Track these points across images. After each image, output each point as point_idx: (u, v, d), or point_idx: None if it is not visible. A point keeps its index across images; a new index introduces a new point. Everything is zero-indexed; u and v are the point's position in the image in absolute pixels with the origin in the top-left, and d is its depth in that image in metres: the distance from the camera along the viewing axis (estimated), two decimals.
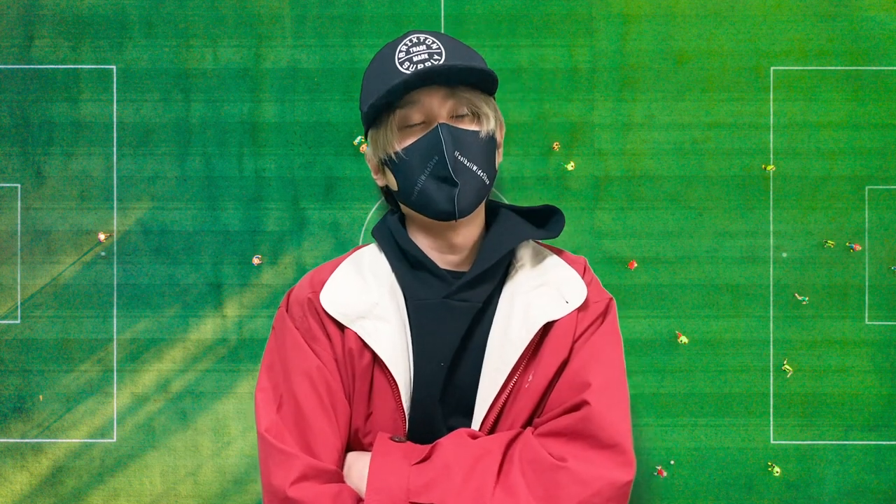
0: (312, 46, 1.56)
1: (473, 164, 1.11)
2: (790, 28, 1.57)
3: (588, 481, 1.04)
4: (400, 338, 1.12)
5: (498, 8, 1.56)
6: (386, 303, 1.14)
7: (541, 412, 1.15)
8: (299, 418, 1.14)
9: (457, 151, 1.09)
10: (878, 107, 1.57)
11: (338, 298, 1.15)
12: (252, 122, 1.56)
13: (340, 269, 1.19)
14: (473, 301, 1.14)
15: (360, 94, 1.15)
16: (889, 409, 1.54)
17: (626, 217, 1.56)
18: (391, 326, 1.12)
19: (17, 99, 1.55)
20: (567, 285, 1.18)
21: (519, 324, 1.12)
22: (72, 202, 1.55)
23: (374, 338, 1.12)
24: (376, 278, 1.17)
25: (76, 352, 1.54)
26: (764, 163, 1.56)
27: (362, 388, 1.14)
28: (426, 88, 1.10)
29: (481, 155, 1.12)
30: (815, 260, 1.56)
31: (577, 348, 1.16)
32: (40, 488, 1.53)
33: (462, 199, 1.10)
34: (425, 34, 1.13)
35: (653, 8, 1.57)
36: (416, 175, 1.11)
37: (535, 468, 1.07)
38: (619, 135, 1.56)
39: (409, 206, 1.16)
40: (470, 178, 1.11)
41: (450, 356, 1.12)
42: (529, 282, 1.17)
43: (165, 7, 1.55)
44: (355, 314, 1.13)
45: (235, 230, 1.55)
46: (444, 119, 1.11)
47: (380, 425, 1.13)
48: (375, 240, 1.22)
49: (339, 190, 1.56)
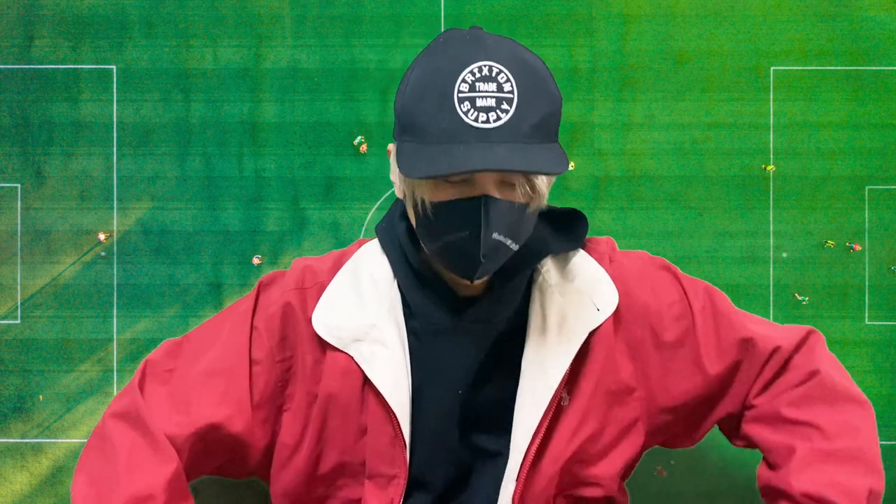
0: (312, 46, 1.56)
1: (509, 237, 0.95)
2: (790, 28, 1.57)
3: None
4: (399, 363, 1.03)
5: (498, 8, 1.56)
6: (384, 324, 1.03)
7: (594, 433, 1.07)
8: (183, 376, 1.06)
9: (495, 232, 0.93)
10: (878, 107, 1.57)
11: (332, 320, 1.05)
12: (252, 122, 1.56)
13: (338, 282, 1.09)
14: (494, 322, 1.03)
15: (397, 87, 0.99)
16: (889, 409, 1.54)
17: (626, 217, 1.56)
18: (389, 351, 1.02)
19: (17, 99, 1.55)
20: (597, 288, 1.07)
21: (555, 339, 1.02)
22: (72, 202, 1.55)
23: (369, 365, 1.02)
24: (376, 291, 1.06)
25: (76, 352, 1.54)
26: (764, 163, 1.56)
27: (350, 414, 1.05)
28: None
29: (520, 228, 0.96)
30: (815, 260, 1.56)
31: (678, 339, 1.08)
32: (40, 488, 1.53)
33: (484, 271, 0.96)
34: (497, 65, 0.90)
35: (653, 8, 1.57)
36: (441, 234, 0.95)
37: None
38: (619, 135, 1.56)
39: (423, 243, 1.01)
40: (500, 251, 0.95)
41: (468, 383, 1.03)
42: (560, 289, 1.06)
43: (165, 7, 1.56)
44: (350, 337, 1.03)
45: (235, 230, 1.55)
46: (490, 189, 0.92)
47: (376, 454, 1.05)
48: (380, 244, 1.10)
49: (339, 190, 1.56)
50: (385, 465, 1.06)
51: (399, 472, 1.05)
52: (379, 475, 1.05)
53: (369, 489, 1.05)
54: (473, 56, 0.91)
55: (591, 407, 1.07)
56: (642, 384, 1.11)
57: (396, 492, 1.05)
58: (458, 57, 0.92)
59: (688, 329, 1.11)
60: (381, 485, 1.06)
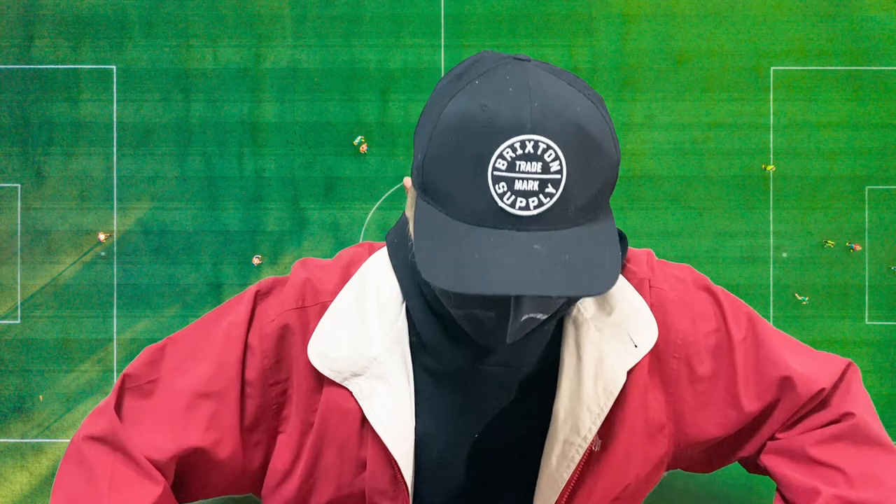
0: (312, 46, 1.56)
1: (540, 312, 0.81)
2: (790, 28, 1.57)
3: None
4: (403, 405, 0.91)
5: (498, 8, 1.56)
6: (387, 359, 0.91)
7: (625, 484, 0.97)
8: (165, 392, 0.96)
9: (526, 315, 0.79)
10: (878, 107, 1.57)
11: (330, 352, 0.93)
12: (252, 122, 1.56)
13: (339, 304, 0.95)
14: (519, 366, 0.90)
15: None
16: (889, 409, 1.54)
17: (626, 217, 1.56)
18: (392, 390, 0.90)
19: (17, 99, 1.55)
20: (634, 320, 0.95)
21: (592, 382, 0.89)
22: (72, 202, 1.55)
23: (368, 402, 0.90)
24: (381, 317, 0.92)
25: (76, 352, 1.54)
26: (764, 163, 1.56)
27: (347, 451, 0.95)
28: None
29: (552, 307, 0.83)
30: (815, 260, 1.56)
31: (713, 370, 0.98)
32: (40, 488, 1.53)
33: (509, 350, 0.86)
34: (545, 140, 0.72)
35: (653, 8, 1.57)
36: (461, 307, 0.82)
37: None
38: (619, 135, 1.56)
39: (442, 301, 0.87)
40: (528, 325, 0.83)
41: (485, 428, 0.91)
42: (595, 322, 0.93)
43: (165, 7, 1.56)
44: (349, 371, 0.92)
45: (235, 230, 1.55)
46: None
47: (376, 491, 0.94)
48: (390, 259, 0.95)
49: (339, 190, 1.56)
50: (386, 500, 0.95)
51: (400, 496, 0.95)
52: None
53: None
54: (516, 123, 0.73)
55: (627, 454, 0.96)
56: (672, 419, 1.00)
57: None
58: (496, 119, 0.74)
59: (726, 362, 1.01)
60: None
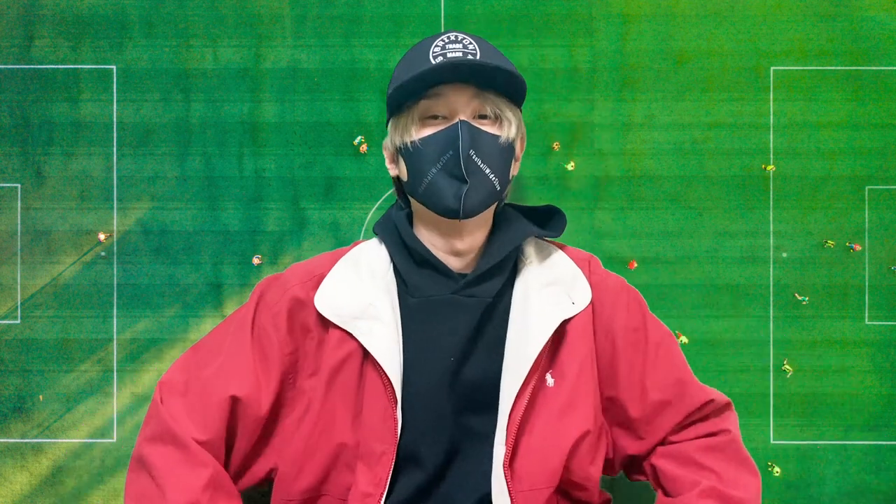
0: (312, 46, 1.56)
1: (487, 166, 1.11)
2: (790, 28, 1.57)
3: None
4: (393, 337, 1.12)
5: (498, 8, 1.56)
6: (380, 302, 1.13)
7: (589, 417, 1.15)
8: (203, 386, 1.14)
9: (472, 150, 1.09)
10: (878, 107, 1.57)
11: (334, 300, 1.14)
12: (252, 122, 1.56)
13: (338, 269, 1.19)
14: (483, 296, 1.14)
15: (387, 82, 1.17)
16: (889, 409, 1.54)
17: (626, 217, 1.56)
18: (385, 326, 1.12)
19: (17, 99, 1.55)
20: (573, 285, 1.18)
21: (536, 320, 1.12)
22: (72, 202, 1.55)
23: (368, 337, 1.11)
24: (372, 276, 1.16)
25: (76, 352, 1.54)
26: (764, 163, 1.56)
27: (348, 391, 1.13)
28: (453, 84, 1.10)
29: (496, 159, 1.12)
30: (815, 260, 1.56)
31: (630, 347, 1.18)
32: (40, 488, 1.53)
33: (469, 198, 1.10)
34: (464, 34, 1.13)
35: (653, 8, 1.57)
36: (429, 167, 1.11)
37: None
38: (619, 135, 1.56)
39: (416, 198, 1.16)
40: (481, 179, 1.11)
41: (459, 351, 1.12)
42: (539, 279, 1.17)
43: (165, 7, 1.55)
44: (350, 315, 1.13)
45: (235, 230, 1.55)
46: (466, 117, 1.10)
47: (368, 430, 1.11)
48: (377, 234, 1.22)
49: (339, 190, 1.56)
50: (376, 440, 1.11)
51: (388, 449, 1.11)
52: (369, 454, 1.09)
53: (360, 470, 1.09)
54: (446, 33, 1.14)
55: (577, 390, 1.14)
56: (601, 378, 1.22)
57: (384, 469, 1.11)
58: (430, 39, 1.14)
59: (640, 355, 1.21)
60: (370, 464, 1.11)
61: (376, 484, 1.10)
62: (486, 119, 1.13)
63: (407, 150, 1.13)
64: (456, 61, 1.07)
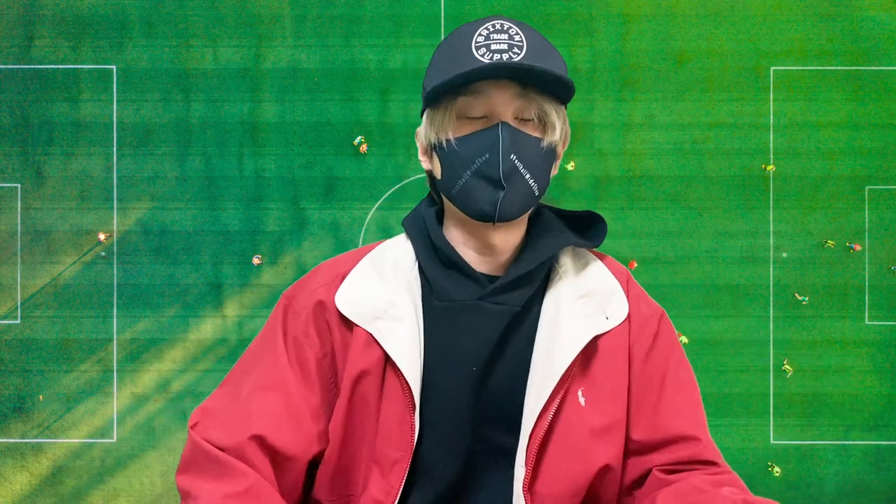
0: (312, 46, 1.56)
1: (527, 171, 1.03)
2: (790, 28, 1.57)
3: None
4: (414, 339, 1.06)
5: (498, 8, 1.56)
6: (402, 302, 1.08)
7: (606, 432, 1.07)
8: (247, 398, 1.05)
9: (513, 155, 1.02)
10: (878, 107, 1.57)
11: (354, 298, 1.09)
12: (252, 122, 1.56)
13: (360, 267, 1.12)
14: (511, 304, 1.07)
15: (426, 68, 1.07)
16: (889, 409, 1.54)
17: (626, 217, 1.56)
18: (406, 327, 1.06)
19: (17, 99, 1.55)
20: (609, 299, 1.11)
21: (566, 333, 1.06)
22: (72, 202, 1.55)
23: (387, 339, 1.05)
24: (395, 274, 1.11)
25: (76, 352, 1.54)
26: (764, 163, 1.56)
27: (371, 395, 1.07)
28: (497, 82, 1.03)
29: (537, 163, 1.04)
30: (815, 260, 1.56)
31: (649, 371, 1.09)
32: (40, 488, 1.53)
33: (506, 204, 1.03)
34: (510, 23, 1.04)
35: (653, 8, 1.57)
36: (464, 168, 1.04)
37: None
38: (619, 135, 1.56)
39: (449, 198, 1.08)
40: (520, 184, 1.03)
41: (483, 361, 1.05)
42: (573, 290, 1.10)
43: (165, 7, 1.56)
44: (371, 315, 1.07)
45: (235, 230, 1.55)
46: (508, 119, 1.03)
47: (384, 432, 1.06)
48: (405, 230, 1.15)
49: (339, 190, 1.56)
50: (391, 446, 1.06)
51: (402, 457, 1.06)
52: (384, 459, 1.06)
53: (373, 476, 1.06)
54: (487, 20, 1.04)
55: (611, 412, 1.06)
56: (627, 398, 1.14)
57: (398, 478, 1.05)
58: (473, 24, 1.05)
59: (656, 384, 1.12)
60: (383, 471, 1.06)
61: (388, 492, 1.07)
62: (529, 121, 1.04)
63: (442, 147, 1.06)
64: (498, 65, 1.00)
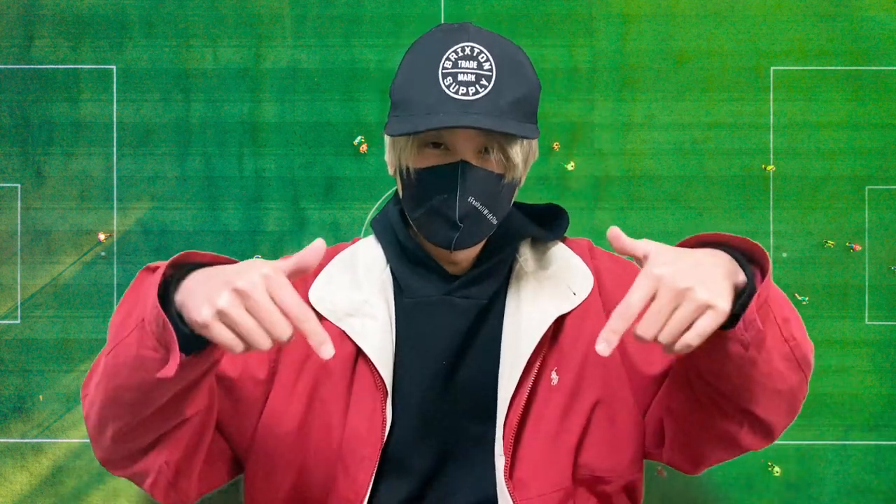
0: (312, 46, 1.56)
1: (486, 207, 1.04)
2: (790, 28, 1.57)
3: None
4: (387, 334, 1.08)
5: (498, 8, 1.56)
6: (375, 300, 1.10)
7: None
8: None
9: (471, 197, 1.02)
10: (878, 107, 1.57)
11: (326, 295, 1.11)
12: (252, 122, 1.56)
13: (333, 265, 1.15)
14: (477, 298, 1.10)
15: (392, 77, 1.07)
16: (889, 409, 1.54)
17: (626, 217, 1.56)
18: (378, 324, 1.08)
19: (17, 99, 1.55)
20: (573, 275, 1.14)
21: (530, 317, 1.08)
22: (72, 202, 1.55)
23: (359, 334, 1.07)
24: (368, 274, 1.13)
25: (76, 352, 1.54)
26: (764, 163, 1.56)
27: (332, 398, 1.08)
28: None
29: (496, 199, 1.05)
30: (815, 260, 1.56)
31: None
32: (40, 488, 1.53)
33: (462, 240, 1.04)
34: (479, 46, 1.01)
35: (653, 8, 1.57)
36: (423, 201, 1.04)
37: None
38: (619, 135, 1.56)
39: (409, 216, 1.10)
40: (476, 220, 1.04)
41: (453, 353, 1.08)
42: (536, 276, 1.13)
43: (165, 7, 1.56)
44: (343, 311, 1.09)
45: (235, 230, 1.55)
46: (468, 156, 1.02)
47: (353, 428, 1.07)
48: (375, 232, 1.18)
49: (339, 190, 1.56)
50: (360, 442, 1.06)
51: (370, 453, 1.06)
52: (350, 456, 1.05)
53: (340, 473, 1.05)
54: (457, 39, 1.02)
55: (580, 381, 1.09)
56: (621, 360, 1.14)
57: (366, 474, 1.05)
58: (444, 40, 1.03)
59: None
60: (350, 467, 1.05)
61: (356, 490, 1.07)
62: (490, 155, 1.04)
63: (402, 173, 1.07)
64: (461, 122, 0.97)
